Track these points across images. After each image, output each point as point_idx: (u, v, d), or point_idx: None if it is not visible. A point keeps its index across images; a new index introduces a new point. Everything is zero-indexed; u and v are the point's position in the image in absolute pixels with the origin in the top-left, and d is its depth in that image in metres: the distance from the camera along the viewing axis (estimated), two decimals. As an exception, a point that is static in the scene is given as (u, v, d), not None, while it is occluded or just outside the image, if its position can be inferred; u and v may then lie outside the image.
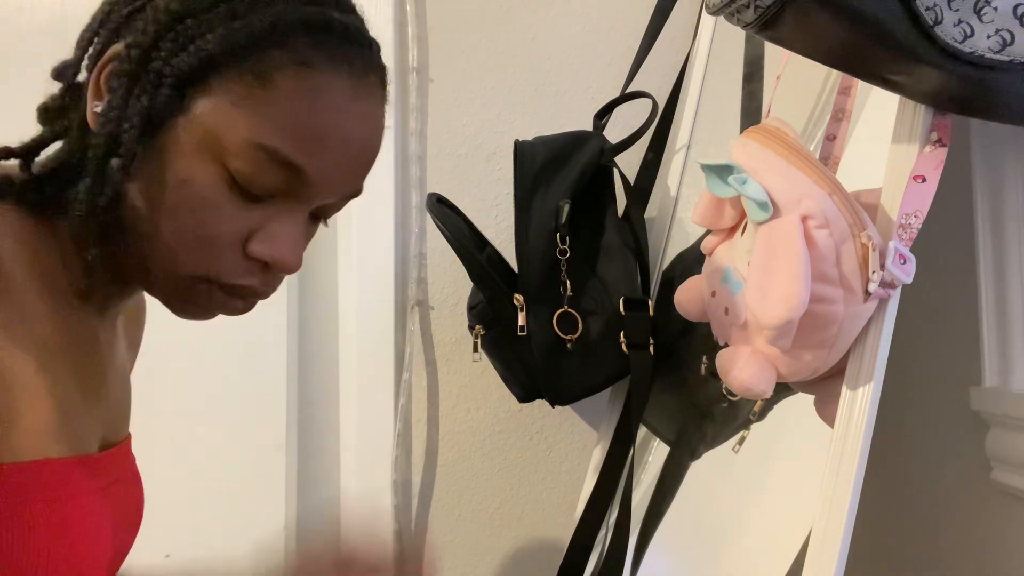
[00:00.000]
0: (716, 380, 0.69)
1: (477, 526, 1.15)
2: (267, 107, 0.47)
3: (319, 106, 0.48)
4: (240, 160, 0.47)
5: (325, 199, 0.52)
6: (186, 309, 0.52)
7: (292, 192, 0.50)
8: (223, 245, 0.49)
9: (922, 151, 0.58)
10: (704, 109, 1.06)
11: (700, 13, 1.11)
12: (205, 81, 0.47)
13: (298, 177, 0.49)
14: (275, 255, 0.50)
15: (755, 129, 0.62)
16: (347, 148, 0.50)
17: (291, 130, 0.47)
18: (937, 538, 0.85)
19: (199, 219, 0.48)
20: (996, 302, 0.72)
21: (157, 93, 0.47)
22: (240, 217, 0.49)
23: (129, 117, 0.47)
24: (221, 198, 0.48)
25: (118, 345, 0.59)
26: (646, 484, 0.98)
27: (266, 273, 0.51)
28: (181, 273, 0.49)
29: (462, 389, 1.16)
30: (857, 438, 0.56)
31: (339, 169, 0.50)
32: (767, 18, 0.53)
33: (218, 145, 0.47)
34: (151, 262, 0.49)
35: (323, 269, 1.18)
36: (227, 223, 0.48)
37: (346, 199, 0.54)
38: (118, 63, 0.48)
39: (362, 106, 0.50)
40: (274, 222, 0.50)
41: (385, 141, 0.54)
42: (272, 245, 0.50)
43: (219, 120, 0.47)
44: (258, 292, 0.52)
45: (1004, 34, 0.52)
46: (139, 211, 0.48)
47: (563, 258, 0.93)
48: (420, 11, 1.18)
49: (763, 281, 0.56)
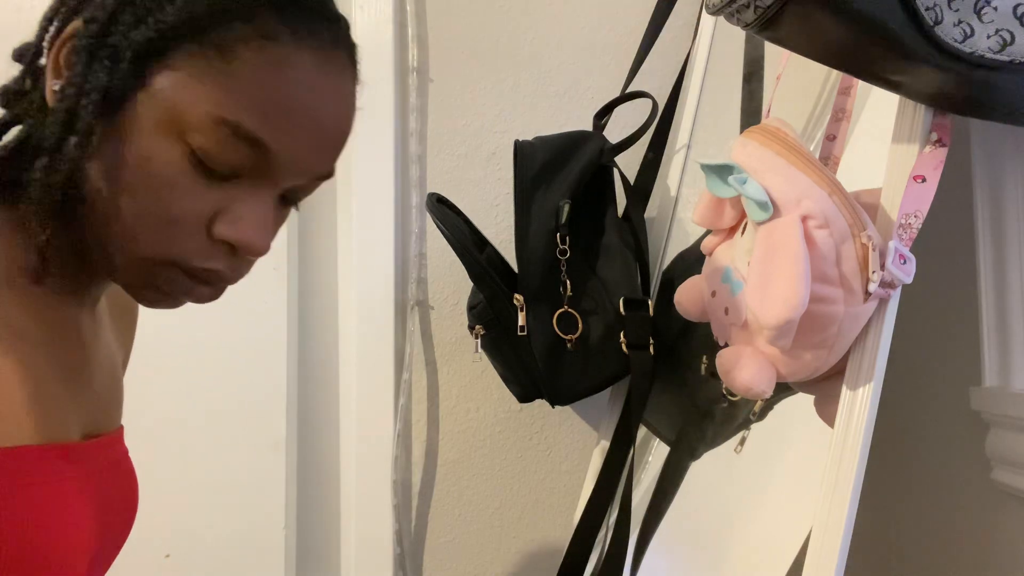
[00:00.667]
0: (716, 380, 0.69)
1: (477, 526, 1.15)
2: (229, 80, 0.46)
3: (283, 79, 0.47)
4: (202, 136, 0.46)
5: (293, 179, 0.50)
6: (150, 296, 0.50)
7: (258, 171, 0.48)
8: (186, 226, 0.47)
9: (922, 151, 0.58)
10: (704, 109, 1.06)
11: (700, 13, 1.11)
12: (165, 55, 0.46)
13: (263, 154, 0.47)
14: (240, 237, 0.48)
15: (755, 129, 0.62)
16: (313, 124, 0.48)
17: (254, 104, 0.46)
18: (937, 538, 0.85)
19: (160, 198, 0.46)
20: (996, 302, 0.72)
21: (116, 68, 0.45)
22: (203, 197, 0.47)
23: (87, 93, 0.45)
24: (183, 177, 0.46)
25: (102, 335, 0.58)
26: (646, 484, 0.98)
27: (233, 257, 0.49)
28: (143, 256, 0.47)
29: (462, 389, 1.16)
30: (857, 438, 0.56)
31: (306, 146, 0.49)
32: (767, 18, 0.53)
33: (179, 121, 0.46)
34: (112, 245, 0.47)
35: (323, 269, 1.19)
36: (189, 202, 0.47)
37: (316, 181, 0.52)
38: (76, 39, 0.47)
39: (329, 81, 0.49)
40: (240, 203, 0.48)
41: (385, 141, 0.54)
42: (238, 226, 0.48)
43: (180, 95, 0.46)
44: (225, 277, 0.50)
45: (1004, 34, 0.52)
46: (99, 191, 0.46)
47: (563, 258, 0.93)
48: (420, 11, 1.18)
49: (763, 281, 0.56)
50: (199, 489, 1.09)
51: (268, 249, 0.50)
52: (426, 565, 1.15)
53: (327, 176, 0.52)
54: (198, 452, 1.09)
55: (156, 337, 1.10)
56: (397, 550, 1.12)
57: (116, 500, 0.55)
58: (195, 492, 1.09)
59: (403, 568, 1.13)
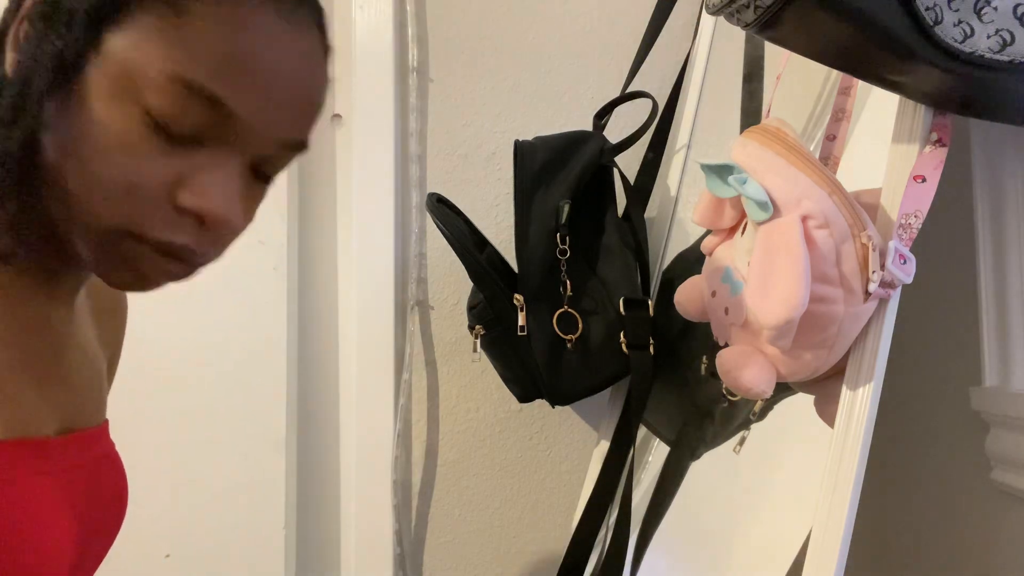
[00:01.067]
0: (716, 380, 0.69)
1: (477, 526, 1.15)
2: (183, 36, 0.44)
3: (241, 35, 0.45)
4: (158, 96, 0.44)
5: (259, 146, 0.48)
6: (121, 276, 0.48)
7: (220, 135, 0.46)
8: (145, 193, 0.45)
9: (922, 151, 0.58)
10: (704, 109, 1.06)
11: (700, 13, 1.11)
12: (118, 16, 0.44)
13: (223, 115, 0.45)
14: (204, 205, 0.46)
15: (755, 129, 0.62)
16: (275, 83, 0.46)
17: (210, 60, 0.44)
18: (937, 538, 0.85)
19: (117, 164, 0.44)
20: (996, 302, 0.72)
21: (70, 34, 0.44)
22: (164, 163, 0.45)
23: (41, 63, 0.44)
24: (141, 142, 0.44)
25: (80, 329, 0.57)
26: (646, 484, 0.98)
27: (202, 231, 0.47)
28: (105, 227, 0.45)
29: (462, 389, 1.16)
30: (857, 438, 0.56)
31: (268, 107, 0.46)
32: (767, 18, 0.53)
33: (135, 82, 0.44)
34: (75, 220, 0.46)
35: (323, 269, 1.19)
36: (148, 168, 0.45)
37: (287, 151, 0.50)
38: (32, 9, 0.46)
39: (292, 40, 0.47)
40: (204, 171, 0.46)
41: (385, 141, 0.53)
42: (202, 194, 0.46)
43: (133, 55, 0.44)
44: (195, 252, 0.47)
45: (1004, 34, 0.52)
46: (57, 163, 0.45)
47: (563, 258, 0.93)
48: (420, 11, 1.18)
49: (763, 281, 0.56)
50: (199, 489, 1.09)
51: (238, 221, 0.48)
52: (426, 565, 1.15)
53: (298, 147, 0.50)
54: (198, 452, 1.09)
55: (156, 337, 1.11)
56: (397, 550, 1.12)
57: (100, 497, 0.54)
58: (195, 492, 1.09)
59: (403, 568, 1.13)
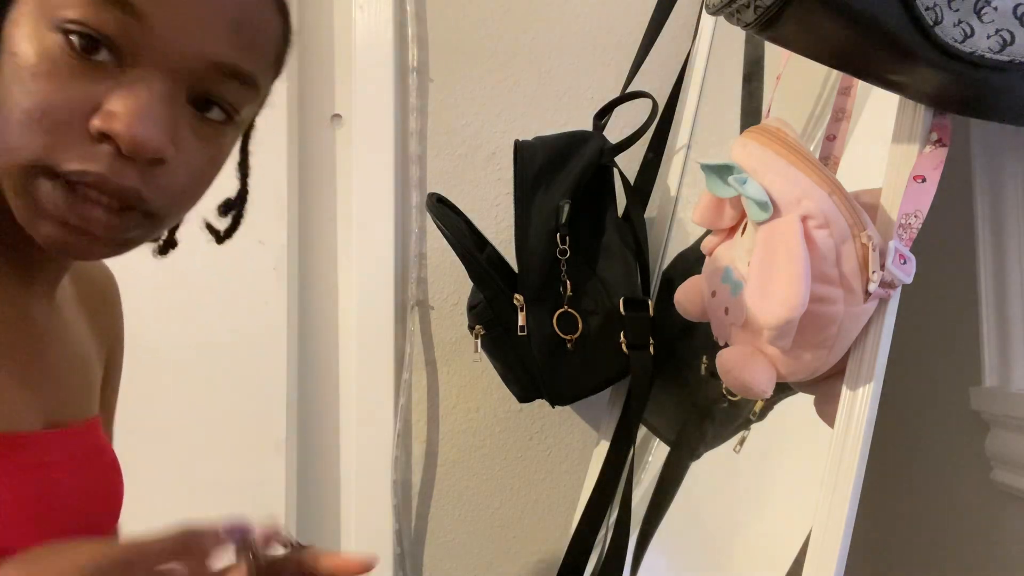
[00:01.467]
0: (716, 380, 0.69)
1: (477, 526, 1.15)
2: None
3: None
4: (69, 8, 0.42)
5: (186, 65, 0.45)
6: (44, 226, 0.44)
7: (138, 49, 0.43)
8: (60, 117, 0.42)
9: (922, 151, 0.58)
10: (704, 109, 1.06)
11: (700, 13, 1.11)
12: None
13: (137, 21, 0.43)
14: (114, 125, 0.42)
15: (755, 129, 0.62)
16: None
17: None
18: (937, 538, 0.85)
19: (29, 89, 0.42)
20: (996, 302, 0.72)
21: None
22: (81, 88, 0.43)
23: None
24: (54, 63, 0.42)
25: (65, 323, 0.56)
26: (646, 484, 0.98)
27: (119, 159, 0.43)
28: (19, 161, 0.43)
29: (462, 389, 1.16)
30: (857, 438, 0.56)
31: (186, 16, 0.44)
32: (767, 18, 0.53)
33: (47, 4, 0.43)
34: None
35: (323, 269, 1.19)
36: (63, 93, 0.42)
37: (222, 76, 0.46)
38: None
39: None
40: (122, 92, 0.43)
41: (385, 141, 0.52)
42: (110, 114, 0.43)
43: None
44: (108, 182, 0.43)
45: (1004, 34, 0.52)
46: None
47: (563, 258, 0.93)
48: (420, 11, 1.18)
49: (763, 281, 0.56)
50: (199, 489, 1.09)
51: (155, 144, 0.44)
52: (426, 565, 1.15)
53: (234, 70, 0.47)
54: (198, 452, 1.09)
55: (156, 337, 1.11)
56: (397, 550, 1.12)
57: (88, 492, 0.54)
58: (195, 492, 1.09)
59: (403, 568, 1.13)
